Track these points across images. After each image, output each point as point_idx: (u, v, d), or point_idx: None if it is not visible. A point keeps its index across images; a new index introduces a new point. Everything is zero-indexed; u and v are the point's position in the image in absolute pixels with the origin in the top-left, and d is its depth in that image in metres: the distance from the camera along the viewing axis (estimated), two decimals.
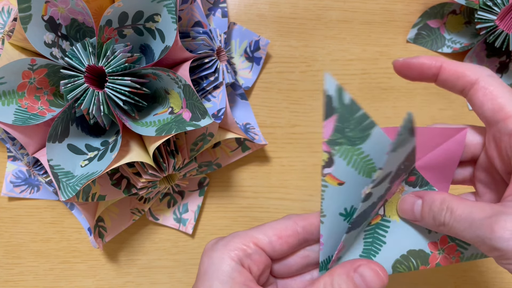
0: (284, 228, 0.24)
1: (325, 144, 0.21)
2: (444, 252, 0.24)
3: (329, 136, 0.20)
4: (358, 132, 0.21)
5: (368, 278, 0.22)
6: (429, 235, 0.24)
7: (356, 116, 0.20)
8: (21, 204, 0.39)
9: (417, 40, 0.42)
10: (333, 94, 0.19)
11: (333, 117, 0.20)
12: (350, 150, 0.21)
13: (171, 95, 0.31)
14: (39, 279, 0.39)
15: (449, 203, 0.21)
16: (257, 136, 0.39)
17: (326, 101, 0.19)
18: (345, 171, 0.22)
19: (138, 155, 0.30)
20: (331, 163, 0.21)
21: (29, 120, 0.29)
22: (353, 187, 0.22)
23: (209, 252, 0.24)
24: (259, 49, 0.40)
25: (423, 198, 0.23)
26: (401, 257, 0.24)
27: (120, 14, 0.29)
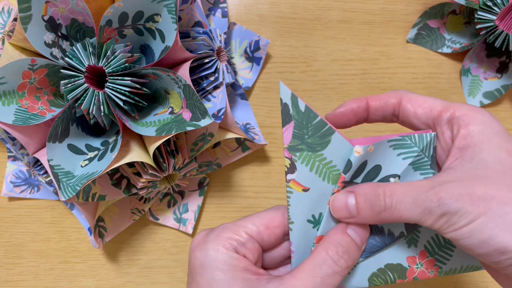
0: (272, 218, 0.24)
1: (286, 151, 0.21)
2: (422, 266, 0.24)
3: (288, 142, 0.21)
4: (317, 138, 0.21)
5: (359, 229, 0.23)
6: (408, 249, 0.24)
7: (314, 123, 0.21)
8: (21, 204, 0.39)
9: (417, 40, 0.42)
10: (288, 102, 0.20)
11: (291, 124, 0.21)
12: (312, 156, 0.22)
13: (171, 95, 0.31)
14: (39, 279, 0.39)
15: (384, 188, 0.21)
16: (257, 136, 0.39)
17: (282, 108, 0.20)
18: (308, 178, 0.22)
19: (138, 155, 0.30)
20: (293, 169, 0.22)
21: (29, 120, 0.29)
22: (319, 193, 0.23)
23: (201, 245, 0.23)
24: (259, 49, 0.40)
25: (355, 192, 0.22)
26: (378, 271, 0.24)
27: (120, 14, 0.29)
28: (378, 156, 0.23)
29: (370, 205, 0.21)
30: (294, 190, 0.22)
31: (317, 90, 0.41)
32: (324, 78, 0.41)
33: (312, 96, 0.41)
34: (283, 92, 0.21)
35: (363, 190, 0.22)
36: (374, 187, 0.22)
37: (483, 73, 0.42)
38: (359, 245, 0.23)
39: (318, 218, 0.23)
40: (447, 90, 0.42)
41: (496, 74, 0.42)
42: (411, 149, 0.23)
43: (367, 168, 0.23)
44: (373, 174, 0.23)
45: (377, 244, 0.24)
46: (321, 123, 0.21)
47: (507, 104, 0.42)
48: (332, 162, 0.22)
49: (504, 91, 0.41)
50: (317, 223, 0.23)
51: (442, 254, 0.24)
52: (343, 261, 0.22)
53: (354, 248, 0.22)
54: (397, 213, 0.21)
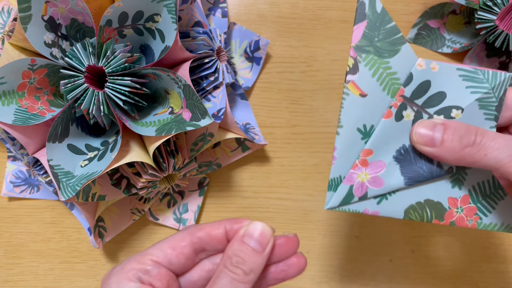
0: (179, 239, 0.24)
1: (352, 49, 0.20)
2: (462, 212, 0.23)
3: (357, 41, 0.20)
4: (387, 44, 0.21)
5: (258, 235, 0.22)
6: (451, 190, 0.23)
7: (387, 27, 0.20)
8: (21, 204, 0.39)
9: (417, 40, 0.42)
10: (366, 0, 0.19)
11: (363, 23, 0.20)
12: (377, 61, 0.21)
13: (171, 95, 0.31)
14: (39, 279, 0.39)
15: (477, 129, 0.21)
16: (257, 136, 0.39)
17: (358, 6, 0.20)
18: (369, 83, 0.21)
19: (138, 155, 0.30)
20: (355, 70, 0.21)
21: (29, 120, 0.29)
22: (375, 103, 0.22)
23: (105, 281, 0.23)
24: (259, 49, 0.40)
25: (445, 123, 0.21)
26: (417, 204, 0.23)
27: (120, 14, 0.29)
28: (445, 82, 0.22)
29: (459, 138, 0.21)
30: (351, 92, 0.21)
31: (317, 90, 0.41)
32: (324, 78, 0.41)
33: (312, 96, 0.41)
34: None
35: (454, 124, 0.21)
36: (467, 126, 0.21)
37: None
38: (258, 250, 0.22)
39: (369, 130, 0.22)
40: None
41: None
42: (481, 84, 0.22)
43: (430, 91, 0.22)
44: (436, 100, 0.22)
45: (423, 174, 0.23)
46: (394, 29, 0.21)
47: None
48: (396, 73, 0.21)
49: None
50: (366, 135, 0.22)
51: (485, 204, 0.23)
52: (240, 270, 0.21)
53: (252, 255, 0.22)
54: (483, 151, 0.20)
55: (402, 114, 0.22)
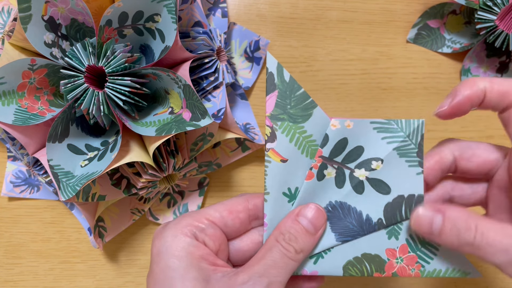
0: (236, 203, 0.24)
1: (267, 119, 0.22)
2: (403, 261, 0.23)
3: (271, 111, 0.22)
4: (299, 110, 0.22)
5: (311, 216, 0.22)
6: (388, 241, 0.23)
7: (297, 94, 0.22)
8: (21, 204, 0.39)
9: (417, 40, 0.42)
10: (274, 71, 0.21)
11: (275, 93, 0.21)
12: (292, 127, 0.22)
13: (171, 95, 0.31)
14: (39, 279, 0.39)
15: (477, 223, 0.20)
16: (257, 136, 0.39)
17: (267, 77, 0.21)
18: (287, 148, 0.22)
19: (138, 155, 0.30)
20: (273, 138, 0.22)
21: (29, 120, 0.29)
22: (297, 166, 0.22)
23: (160, 233, 0.23)
24: (259, 49, 0.40)
25: (444, 214, 0.21)
26: (354, 259, 0.23)
27: (120, 14, 0.29)
28: (361, 137, 0.22)
29: (457, 235, 0.21)
30: (272, 159, 0.22)
31: (317, 90, 0.41)
32: (324, 78, 0.41)
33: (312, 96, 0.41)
34: (270, 62, 0.21)
35: (454, 215, 0.21)
36: (467, 218, 0.21)
37: (483, 73, 0.42)
38: (311, 231, 0.22)
39: (294, 192, 0.23)
40: (447, 90, 0.42)
41: (496, 74, 0.42)
42: (396, 134, 0.23)
43: (348, 147, 0.23)
44: (355, 154, 0.23)
45: (354, 229, 0.23)
46: (304, 95, 0.22)
47: None
48: (312, 136, 0.22)
49: None
50: (292, 198, 0.23)
51: (425, 251, 0.23)
52: (291, 247, 0.22)
53: (304, 235, 0.22)
54: (481, 253, 0.20)
55: (324, 173, 0.23)
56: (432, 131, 0.41)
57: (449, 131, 0.42)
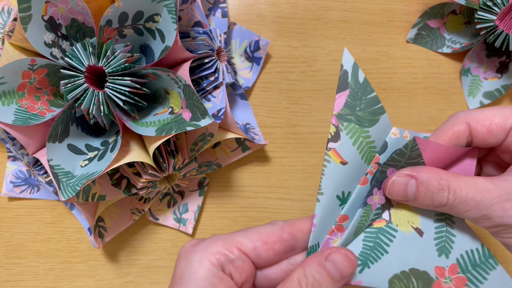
0: (270, 233, 0.23)
1: (334, 117, 0.21)
2: (451, 282, 0.22)
3: (339, 109, 0.20)
4: (368, 114, 0.21)
5: (340, 264, 0.21)
6: (438, 259, 0.22)
7: (368, 97, 0.21)
8: (21, 204, 0.39)
9: (417, 40, 0.42)
10: (349, 69, 0.20)
11: (346, 92, 0.20)
12: (358, 130, 0.21)
13: (171, 95, 0.31)
14: (39, 279, 0.39)
15: (449, 182, 0.21)
16: (257, 136, 0.39)
17: (341, 74, 0.20)
18: (349, 151, 0.21)
19: (138, 155, 0.30)
20: (337, 138, 0.21)
21: (29, 120, 0.29)
22: (354, 170, 0.22)
23: (187, 254, 0.22)
24: (259, 49, 0.40)
25: (417, 178, 0.21)
26: (401, 273, 0.22)
27: (120, 14, 0.29)
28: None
29: (431, 198, 0.21)
30: (332, 160, 0.21)
31: (317, 90, 0.41)
32: (324, 78, 0.41)
33: (312, 96, 0.41)
34: (346, 59, 0.20)
35: (426, 178, 0.21)
36: (439, 178, 0.21)
37: (483, 73, 0.42)
38: (336, 278, 0.21)
39: (346, 196, 0.22)
40: (447, 90, 0.42)
41: (496, 74, 0.42)
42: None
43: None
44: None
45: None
46: (375, 100, 0.21)
47: (507, 104, 0.42)
48: (374, 142, 0.21)
49: (504, 91, 0.41)
50: (344, 201, 0.22)
51: (476, 274, 0.22)
52: None
53: (329, 282, 0.21)
54: (454, 211, 0.20)
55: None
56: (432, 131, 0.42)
57: None
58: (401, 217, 0.23)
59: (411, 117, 0.41)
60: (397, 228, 0.23)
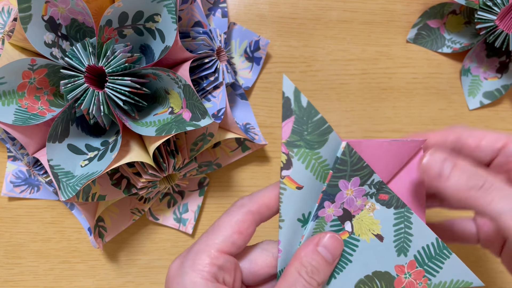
0: (241, 221, 0.23)
1: (283, 146, 0.21)
2: (411, 276, 0.23)
3: (287, 137, 0.21)
4: (316, 136, 0.21)
5: (331, 246, 0.22)
6: (397, 258, 0.23)
7: (314, 120, 0.21)
8: (21, 204, 0.39)
9: (417, 40, 0.42)
10: (290, 96, 0.20)
11: (291, 119, 0.20)
12: (309, 153, 0.21)
13: (171, 95, 0.31)
14: (39, 279, 0.39)
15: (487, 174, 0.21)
16: (257, 136, 0.39)
17: (284, 102, 0.20)
18: (303, 175, 0.21)
19: (138, 155, 0.30)
20: (289, 165, 0.21)
21: (29, 120, 0.29)
22: (311, 192, 0.22)
23: (177, 278, 0.22)
24: (259, 49, 0.40)
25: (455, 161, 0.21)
26: (365, 278, 0.24)
27: (120, 14, 0.29)
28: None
29: (467, 178, 0.21)
30: (288, 187, 0.22)
31: (317, 90, 0.41)
32: (324, 78, 0.41)
33: (312, 96, 0.41)
34: (286, 86, 0.20)
35: (464, 163, 0.21)
36: (476, 167, 0.21)
37: (483, 73, 0.42)
38: (330, 261, 0.22)
39: (307, 217, 0.23)
40: (447, 90, 0.42)
41: (496, 74, 0.42)
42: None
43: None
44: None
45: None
46: (321, 121, 0.21)
47: (507, 104, 0.42)
48: (326, 160, 0.22)
49: (504, 91, 0.41)
50: (305, 222, 0.23)
51: (432, 265, 0.23)
52: (314, 281, 0.22)
53: (325, 266, 0.22)
54: (489, 198, 0.20)
55: None
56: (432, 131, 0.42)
57: None
58: (363, 226, 0.24)
59: (411, 117, 0.41)
60: (359, 238, 0.24)
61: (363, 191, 0.23)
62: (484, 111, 0.42)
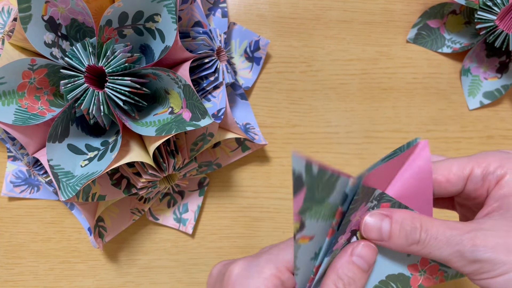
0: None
1: (296, 215, 0.20)
2: (426, 273, 0.23)
3: (299, 208, 0.20)
4: (325, 191, 0.20)
5: (365, 255, 0.22)
6: (407, 258, 0.23)
7: (324, 179, 0.20)
8: (21, 204, 0.39)
9: (417, 40, 0.42)
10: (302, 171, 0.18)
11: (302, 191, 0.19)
12: (319, 208, 0.21)
13: (171, 95, 0.31)
14: (39, 279, 0.39)
15: (422, 221, 0.21)
16: (257, 136, 0.39)
17: (295, 179, 0.19)
18: (314, 226, 0.21)
19: (138, 155, 0.30)
20: (302, 228, 0.21)
21: (29, 120, 0.29)
22: (322, 233, 0.22)
23: (242, 279, 0.22)
24: (259, 49, 0.40)
25: (391, 217, 0.22)
26: (380, 283, 0.24)
27: (120, 14, 0.29)
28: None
29: (405, 236, 0.21)
30: (302, 244, 0.21)
31: (317, 90, 0.41)
32: (324, 78, 0.41)
33: (312, 96, 0.41)
34: (296, 163, 0.18)
35: (400, 217, 0.22)
36: (412, 218, 0.21)
37: (483, 73, 0.42)
38: (365, 270, 0.22)
39: (318, 252, 0.23)
40: (447, 90, 0.42)
41: (496, 74, 0.42)
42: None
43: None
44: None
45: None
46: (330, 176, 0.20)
47: (507, 104, 0.42)
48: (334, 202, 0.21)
49: (504, 91, 0.41)
50: (316, 257, 0.23)
51: None
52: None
53: (361, 275, 0.22)
54: (427, 249, 0.21)
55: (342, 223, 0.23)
56: (432, 131, 0.42)
57: (449, 131, 0.42)
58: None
59: (411, 117, 0.41)
60: None
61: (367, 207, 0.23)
62: (484, 111, 0.42)
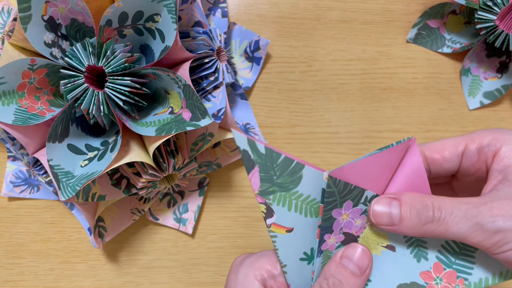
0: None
1: (258, 196, 0.20)
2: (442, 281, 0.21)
3: (258, 188, 0.20)
4: (287, 177, 0.20)
5: (355, 257, 0.22)
6: (418, 265, 0.22)
7: (279, 162, 0.20)
8: (21, 204, 0.39)
9: (417, 40, 0.42)
10: (246, 148, 0.19)
11: (255, 169, 0.20)
12: (286, 195, 0.21)
13: (171, 95, 0.31)
14: (39, 279, 0.39)
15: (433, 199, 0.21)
16: (257, 136, 0.39)
17: (242, 155, 0.19)
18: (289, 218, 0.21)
19: (138, 155, 0.30)
20: (271, 213, 0.21)
21: (29, 120, 0.29)
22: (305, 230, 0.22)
23: (236, 267, 0.23)
24: (259, 49, 0.40)
25: (400, 199, 0.21)
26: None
27: (120, 14, 0.29)
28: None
29: (417, 215, 0.20)
30: (277, 233, 0.21)
31: (317, 90, 0.41)
32: (324, 78, 0.41)
33: (312, 96, 0.41)
34: (239, 139, 0.19)
35: (409, 198, 0.21)
36: (421, 197, 0.21)
37: (483, 73, 0.42)
38: (356, 273, 0.22)
39: (310, 253, 0.22)
40: (447, 90, 0.42)
41: (496, 74, 0.42)
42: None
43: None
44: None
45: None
46: (287, 161, 0.20)
47: (507, 104, 0.42)
48: (310, 196, 0.21)
49: (504, 91, 0.41)
50: (311, 259, 0.22)
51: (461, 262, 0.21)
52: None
53: (349, 277, 0.21)
54: (444, 226, 0.20)
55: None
56: (432, 131, 0.42)
57: (449, 131, 0.42)
58: (370, 242, 0.23)
59: (411, 117, 0.41)
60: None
61: (359, 210, 0.22)
62: (484, 111, 0.42)
